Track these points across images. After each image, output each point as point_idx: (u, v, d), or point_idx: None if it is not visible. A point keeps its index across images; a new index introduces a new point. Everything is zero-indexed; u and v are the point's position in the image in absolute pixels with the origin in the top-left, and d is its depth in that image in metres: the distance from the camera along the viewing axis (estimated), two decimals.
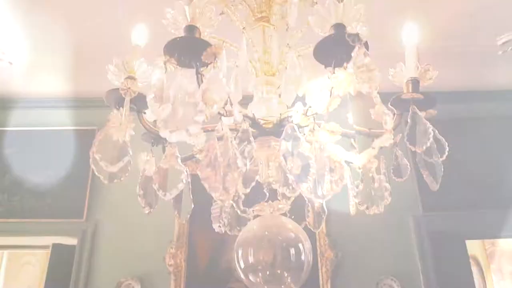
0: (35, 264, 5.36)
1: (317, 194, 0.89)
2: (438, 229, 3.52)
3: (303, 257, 1.01)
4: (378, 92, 0.87)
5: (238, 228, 1.29)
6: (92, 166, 0.95)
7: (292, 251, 1.01)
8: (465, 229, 3.73)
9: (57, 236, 3.64)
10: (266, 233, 1.04)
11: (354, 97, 0.92)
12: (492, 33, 3.31)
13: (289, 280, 1.01)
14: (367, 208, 1.02)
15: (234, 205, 1.25)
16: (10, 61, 3.60)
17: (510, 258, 5.66)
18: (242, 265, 1.03)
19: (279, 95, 1.20)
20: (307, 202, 1.30)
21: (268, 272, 1.02)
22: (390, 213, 3.47)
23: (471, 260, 4.79)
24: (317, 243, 3.39)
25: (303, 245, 1.02)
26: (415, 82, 1.02)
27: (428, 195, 3.56)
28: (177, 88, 0.78)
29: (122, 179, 0.99)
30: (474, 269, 5.67)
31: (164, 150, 1.09)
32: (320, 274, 3.33)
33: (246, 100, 1.18)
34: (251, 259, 1.02)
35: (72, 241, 3.56)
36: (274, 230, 1.04)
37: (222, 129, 0.89)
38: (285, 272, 1.01)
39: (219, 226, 1.34)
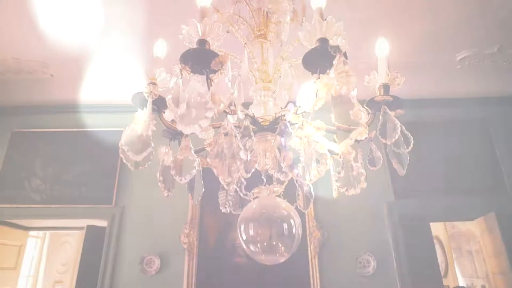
0: (72, 243, 5.37)
1: (305, 178, 0.90)
2: (407, 213, 3.52)
3: (294, 231, 1.01)
4: (356, 96, 0.89)
5: (241, 208, 1.29)
6: (121, 155, 0.95)
7: (285, 225, 1.01)
8: (429, 213, 3.74)
9: (90, 219, 3.66)
10: (264, 211, 1.03)
11: (337, 101, 0.93)
12: (452, 50, 3.33)
13: (282, 249, 1.01)
14: (346, 190, 1.02)
15: (238, 189, 1.25)
16: (51, 73, 3.63)
17: (467, 239, 5.67)
18: (244, 237, 1.03)
19: (275, 99, 1.20)
20: (297, 187, 1.31)
21: (265, 243, 1.02)
22: (367, 200, 3.52)
23: (434, 240, 4.80)
24: (307, 225, 3.40)
25: (294, 221, 1.02)
26: (386, 87, 1.02)
27: (399, 185, 3.58)
28: (191, 90, 0.79)
29: (145, 166, 1.00)
30: (437, 247, 5.68)
31: (180, 144, 1.10)
32: (309, 250, 3.33)
33: (247, 103, 1.19)
34: (251, 233, 1.02)
35: (103, 223, 3.58)
36: (270, 208, 1.03)
37: (228, 125, 0.90)
38: (279, 243, 1.01)
39: (225, 208, 1.35)
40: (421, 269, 3.35)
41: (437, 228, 5.73)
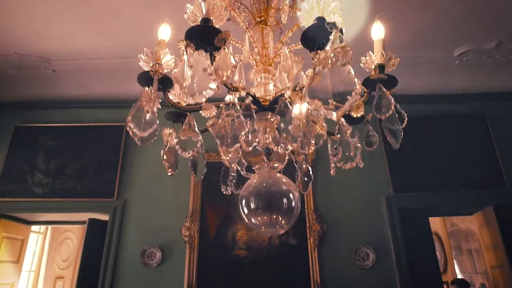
0: (73, 239, 5.41)
1: (303, 149, 0.94)
2: (406, 207, 3.56)
3: (293, 204, 1.04)
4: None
5: (242, 188, 1.33)
6: (128, 130, 0.99)
7: (285, 199, 1.05)
8: (428, 207, 3.78)
9: (92, 213, 3.70)
10: (264, 185, 1.07)
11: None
12: (450, 45, 3.38)
13: (282, 222, 1.04)
14: (343, 164, 1.07)
15: (239, 169, 1.30)
16: (53, 69, 3.68)
17: (466, 236, 5.71)
18: (246, 211, 1.06)
19: (275, 81, 1.25)
20: (297, 169, 1.35)
21: (265, 216, 1.06)
22: (366, 194, 3.54)
23: (434, 237, 4.84)
24: (306, 218, 3.43)
25: (293, 195, 1.05)
26: (381, 67, 1.06)
27: (398, 179, 3.62)
28: (196, 63, 0.84)
29: (152, 141, 1.03)
30: (437, 244, 5.72)
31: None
32: (308, 243, 3.37)
33: (248, 85, 1.23)
34: (252, 206, 1.05)
35: (105, 216, 3.63)
36: (270, 182, 1.07)
37: (230, 100, 0.95)
38: (279, 216, 1.05)
39: (227, 190, 1.39)
40: (419, 262, 3.39)
41: (436, 225, 5.77)
